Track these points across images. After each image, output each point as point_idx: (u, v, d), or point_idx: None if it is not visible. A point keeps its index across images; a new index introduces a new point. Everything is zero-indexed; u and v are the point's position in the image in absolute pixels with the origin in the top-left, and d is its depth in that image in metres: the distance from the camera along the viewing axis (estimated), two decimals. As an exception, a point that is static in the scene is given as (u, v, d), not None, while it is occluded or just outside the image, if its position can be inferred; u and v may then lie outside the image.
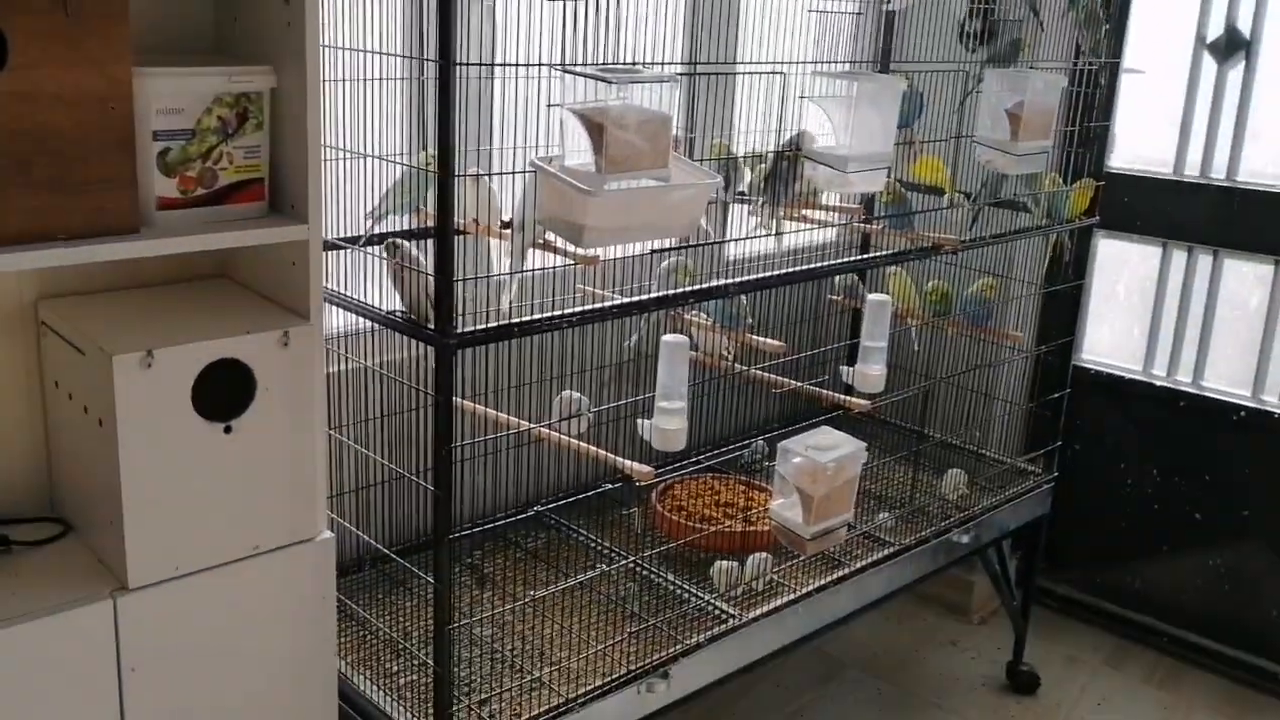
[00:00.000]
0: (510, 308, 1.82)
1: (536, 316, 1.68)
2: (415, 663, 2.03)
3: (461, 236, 1.74)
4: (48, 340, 1.62)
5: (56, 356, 1.60)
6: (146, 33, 1.61)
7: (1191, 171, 3.20)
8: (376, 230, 1.91)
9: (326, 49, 1.73)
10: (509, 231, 1.88)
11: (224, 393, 1.55)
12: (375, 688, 1.94)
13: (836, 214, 2.30)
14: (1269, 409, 3.10)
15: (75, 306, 1.63)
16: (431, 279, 1.60)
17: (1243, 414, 3.13)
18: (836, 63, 2.59)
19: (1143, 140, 3.23)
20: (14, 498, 1.66)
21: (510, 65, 1.62)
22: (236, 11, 1.68)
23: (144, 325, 1.57)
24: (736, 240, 2.06)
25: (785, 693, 2.98)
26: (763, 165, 2.24)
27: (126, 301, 1.67)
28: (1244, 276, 3.17)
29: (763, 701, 2.93)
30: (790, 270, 2.02)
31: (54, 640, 1.45)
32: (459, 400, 1.72)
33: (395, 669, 2.02)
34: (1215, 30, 3.11)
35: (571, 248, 1.65)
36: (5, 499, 1.65)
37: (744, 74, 1.98)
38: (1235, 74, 3.10)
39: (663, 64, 1.79)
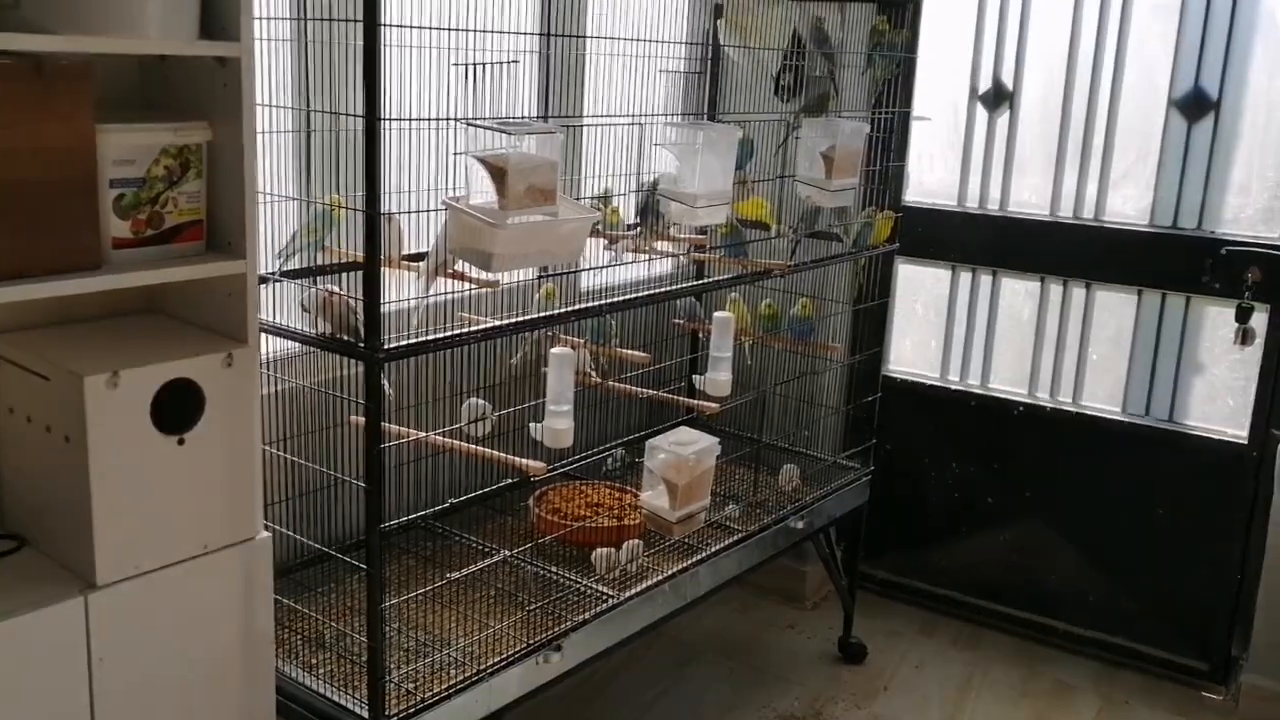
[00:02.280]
0: (415, 330, 2.08)
1: (449, 333, 1.95)
2: (334, 655, 2.24)
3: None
4: (2, 370, 1.78)
5: (13, 384, 1.76)
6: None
7: (972, 204, 3.71)
8: (286, 267, 2.15)
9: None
10: (408, 264, 2.14)
11: (177, 408, 1.76)
12: (305, 674, 2.15)
13: (683, 244, 2.66)
14: (1040, 404, 3.63)
15: (27, 339, 1.79)
16: (360, 303, 1.85)
17: (1021, 409, 3.65)
18: (675, 115, 2.97)
19: (931, 177, 3.73)
20: (-33, 517, 1.82)
21: (427, 120, 1.89)
22: (165, 71, 1.89)
23: (98, 353, 1.76)
24: (618, 265, 2.38)
25: (648, 676, 3.29)
26: (608, 207, 2.58)
27: (72, 334, 1.84)
28: (1017, 292, 3.70)
29: (628, 685, 3.23)
30: (655, 291, 2.36)
31: (32, 635, 1.62)
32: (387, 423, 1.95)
33: (315, 662, 2.23)
34: (985, 84, 3.65)
35: (479, 274, 1.93)
36: (-40, 519, 1.81)
37: (612, 125, 2.30)
38: (1003, 121, 3.64)
39: (544, 117, 2.10)
